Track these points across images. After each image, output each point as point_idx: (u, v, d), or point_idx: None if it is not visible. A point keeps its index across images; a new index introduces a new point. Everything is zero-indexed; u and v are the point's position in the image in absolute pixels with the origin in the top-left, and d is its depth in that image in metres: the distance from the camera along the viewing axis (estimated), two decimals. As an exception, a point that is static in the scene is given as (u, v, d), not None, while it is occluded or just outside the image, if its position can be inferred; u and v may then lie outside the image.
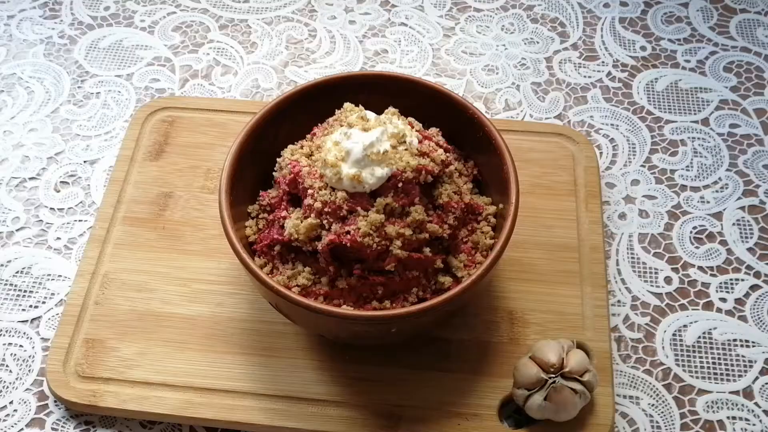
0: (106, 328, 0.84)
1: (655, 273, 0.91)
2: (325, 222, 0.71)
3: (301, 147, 0.78)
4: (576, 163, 0.99)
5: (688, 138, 1.05)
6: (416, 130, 0.80)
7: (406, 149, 0.76)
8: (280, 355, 0.83)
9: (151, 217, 0.92)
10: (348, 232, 0.70)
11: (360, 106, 0.82)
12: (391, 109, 0.82)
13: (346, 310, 0.73)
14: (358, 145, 0.70)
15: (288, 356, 0.83)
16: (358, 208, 0.71)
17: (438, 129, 0.84)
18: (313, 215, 0.72)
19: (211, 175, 0.95)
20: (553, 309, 0.86)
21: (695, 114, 1.07)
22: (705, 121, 1.07)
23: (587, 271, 0.91)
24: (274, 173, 0.80)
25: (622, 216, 0.98)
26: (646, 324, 0.90)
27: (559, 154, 1.00)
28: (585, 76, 1.12)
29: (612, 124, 1.06)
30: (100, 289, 0.87)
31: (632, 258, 0.95)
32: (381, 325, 0.73)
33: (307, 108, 0.82)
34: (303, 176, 0.73)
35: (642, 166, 1.02)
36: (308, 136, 0.81)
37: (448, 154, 0.80)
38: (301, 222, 0.73)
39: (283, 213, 0.79)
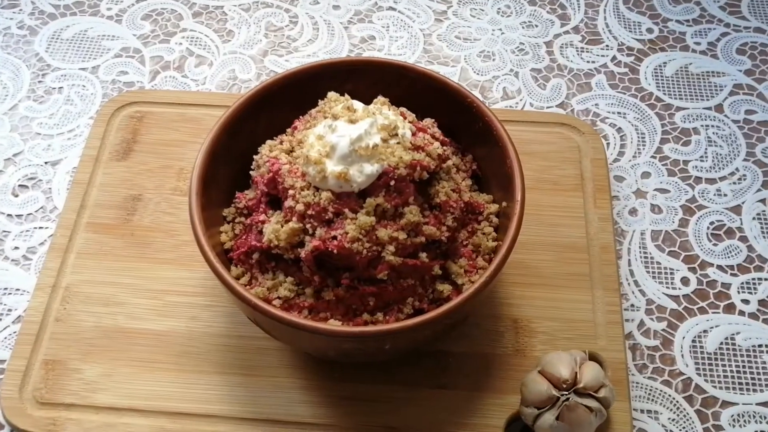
0: (67, 347, 0.77)
1: (671, 273, 0.84)
2: (308, 226, 0.65)
3: (281, 142, 0.71)
4: (582, 155, 0.92)
5: (702, 126, 0.98)
6: (409, 122, 0.72)
7: (398, 143, 0.68)
8: (261, 374, 0.76)
9: (118, 222, 0.86)
10: (334, 238, 0.64)
11: (346, 95, 0.73)
12: (380, 99, 0.74)
13: (334, 325, 0.66)
14: (345, 138, 0.63)
15: (270, 375, 0.76)
16: (346, 210, 0.65)
17: (433, 120, 0.76)
18: (294, 219, 0.64)
19: (184, 176, 0.88)
20: (561, 316, 0.80)
21: (708, 100, 1.00)
22: (719, 108, 1.00)
23: (598, 274, 0.84)
24: (251, 172, 0.72)
25: (633, 212, 0.91)
26: (663, 330, 0.83)
27: (563, 146, 0.92)
28: (588, 61, 1.04)
29: (619, 113, 0.99)
30: (61, 304, 0.80)
31: (645, 258, 0.87)
32: (373, 341, 0.65)
33: (288, 99, 0.76)
34: (283, 175, 0.65)
35: (653, 157, 0.95)
36: (289, 130, 0.73)
37: (445, 147, 0.72)
38: (282, 227, 0.65)
39: (262, 217, 0.71)
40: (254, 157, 0.74)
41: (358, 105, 0.72)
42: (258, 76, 1.00)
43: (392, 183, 0.66)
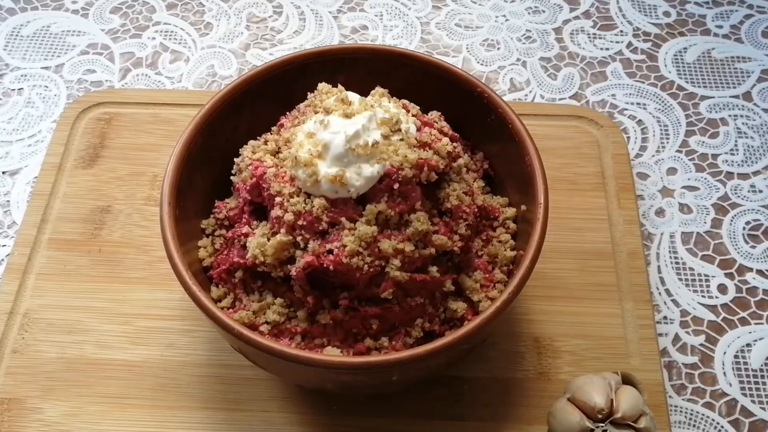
0: (26, 383, 0.69)
1: (706, 280, 0.78)
2: (299, 239, 0.58)
3: (265, 142, 0.62)
4: (602, 151, 0.83)
5: (729, 116, 0.89)
6: (413, 115, 0.63)
7: (401, 139, 0.59)
8: (249, 407, 0.69)
9: (84, 238, 0.78)
10: (330, 252, 0.58)
11: (339, 86, 0.64)
12: (379, 90, 0.65)
13: (332, 355, 0.56)
14: (339, 135, 0.54)
15: (259, 409, 0.68)
16: (342, 219, 0.58)
17: (440, 113, 0.66)
18: (283, 231, 0.55)
19: (158, 183, 0.80)
20: (588, 332, 0.73)
21: (734, 87, 0.92)
22: (747, 96, 0.92)
23: (626, 283, 0.75)
24: (232, 178, 0.66)
25: (660, 212, 0.82)
26: (701, 345, 0.74)
27: (580, 141, 0.84)
28: (602, 49, 0.95)
29: (638, 103, 0.90)
30: (19, 333, 0.72)
31: (677, 263, 0.79)
32: (379, 373, 0.56)
33: (272, 94, 0.70)
34: (268, 180, 0.56)
35: (678, 151, 0.86)
36: (274, 128, 0.65)
37: (455, 144, 0.63)
38: (268, 240, 0.57)
39: (245, 229, 0.62)
40: (235, 160, 0.67)
41: (353, 97, 0.62)
42: (239, 71, 0.92)
43: (396, 186, 0.58)
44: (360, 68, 0.71)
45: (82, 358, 0.70)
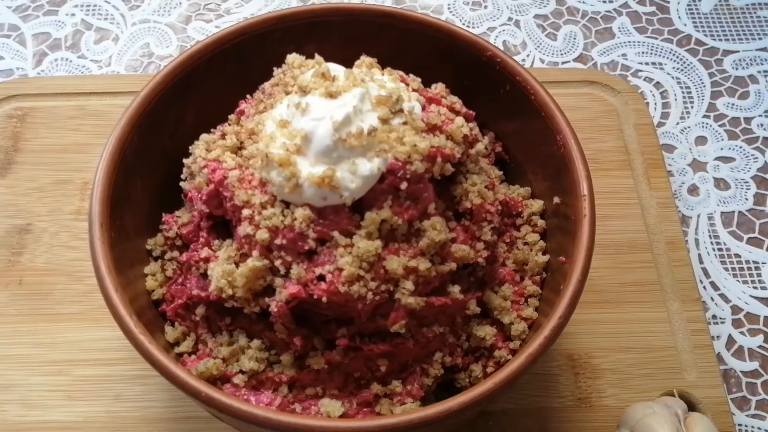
0: None
1: (756, 268, 0.70)
2: (278, 263, 0.46)
3: (223, 136, 0.50)
4: (622, 121, 0.72)
5: (759, 72, 0.79)
6: (414, 90, 0.48)
7: (404, 123, 0.45)
8: None
9: (0, 266, 0.65)
10: (322, 278, 0.46)
11: (318, 57, 0.50)
12: (366, 59, 0.51)
13: (333, 422, 0.41)
14: (324, 122, 0.42)
15: None
16: (335, 234, 0.46)
17: (444, 85, 0.52)
18: (256, 253, 0.43)
19: (89, 192, 0.67)
20: (631, 344, 0.63)
21: (759, 39, 0.82)
22: None
23: (669, 280, 0.65)
24: (182, 184, 0.55)
25: (694, 190, 0.70)
26: (760, 347, 0.64)
27: (596, 111, 0.72)
28: (605, 1, 0.83)
29: (654, 63, 0.78)
30: None
31: (719, 250, 0.69)
32: (398, 436, 0.42)
33: (224, 73, 0.58)
34: (231, 186, 0.44)
35: (705, 117, 0.75)
36: (231, 117, 0.53)
37: (471, 124, 0.49)
38: (237, 266, 0.42)
39: (204, 252, 0.48)
40: (185, 161, 0.55)
41: (337, 69, 0.48)
42: (181, 49, 0.79)
43: (403, 186, 0.43)
44: (333, 34, 0.59)
45: (4, 424, 0.58)
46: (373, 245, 0.44)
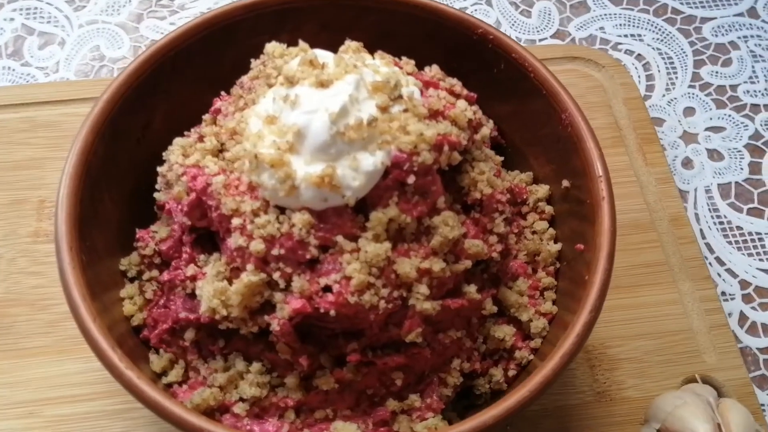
0: None
1: (759, 240, 0.68)
2: (277, 276, 0.41)
3: (200, 138, 0.43)
4: (610, 97, 0.69)
5: (739, 38, 0.77)
6: (408, 74, 0.44)
7: (405, 110, 0.40)
8: None
9: None
10: (328, 289, 0.40)
11: (302, 43, 0.45)
12: (352, 44, 0.46)
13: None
14: (318, 115, 0.37)
15: None
16: (339, 239, 0.41)
17: (438, 67, 0.48)
18: (250, 267, 0.39)
19: (47, 211, 0.65)
20: (646, 330, 0.59)
21: (736, 4, 0.80)
22: (752, 12, 0.80)
23: (677, 258, 0.63)
24: (156, 195, 0.50)
25: (688, 163, 0.68)
26: None
27: (582, 88, 0.70)
28: (576, -26, 0.79)
29: (633, 35, 0.76)
30: None
31: (720, 223, 0.66)
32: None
33: (192, 69, 0.54)
34: (216, 194, 0.38)
35: (690, 87, 0.73)
36: (206, 117, 0.47)
37: (474, 107, 0.45)
38: (230, 283, 0.37)
39: (190, 269, 0.43)
40: (159, 170, 0.49)
41: (324, 56, 0.43)
42: (134, 50, 0.74)
43: (410, 180, 0.38)
44: (308, 22, 0.55)
45: (-29, 478, 0.50)
46: (381, 248, 0.39)
